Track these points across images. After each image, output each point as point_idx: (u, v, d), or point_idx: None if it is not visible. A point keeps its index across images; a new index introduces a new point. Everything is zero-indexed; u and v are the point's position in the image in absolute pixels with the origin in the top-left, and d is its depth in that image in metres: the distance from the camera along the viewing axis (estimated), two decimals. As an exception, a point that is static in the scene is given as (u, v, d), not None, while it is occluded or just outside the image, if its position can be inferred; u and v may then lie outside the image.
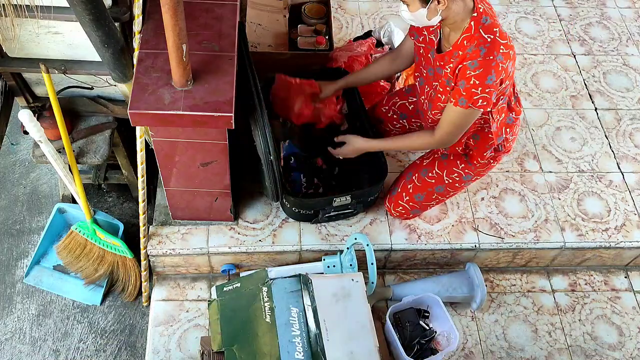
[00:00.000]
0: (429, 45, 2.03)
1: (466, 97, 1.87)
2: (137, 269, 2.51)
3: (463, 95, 1.88)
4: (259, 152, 2.13)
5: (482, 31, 1.84)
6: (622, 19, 3.43)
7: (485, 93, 1.85)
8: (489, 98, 1.87)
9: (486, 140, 2.15)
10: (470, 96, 1.87)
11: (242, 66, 2.09)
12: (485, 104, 1.88)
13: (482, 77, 1.83)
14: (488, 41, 1.83)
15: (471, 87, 1.85)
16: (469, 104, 1.88)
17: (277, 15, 2.89)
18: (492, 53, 1.82)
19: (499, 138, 2.15)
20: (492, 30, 1.84)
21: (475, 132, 2.13)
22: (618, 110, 3.02)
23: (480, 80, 1.83)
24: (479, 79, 1.83)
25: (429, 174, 2.33)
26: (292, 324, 2.09)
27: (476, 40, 1.84)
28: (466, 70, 1.85)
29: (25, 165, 3.03)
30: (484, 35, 1.83)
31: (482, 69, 1.83)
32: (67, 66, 2.07)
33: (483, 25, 1.84)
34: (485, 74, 1.83)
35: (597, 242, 2.57)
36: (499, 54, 1.82)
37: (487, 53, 1.82)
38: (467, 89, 1.86)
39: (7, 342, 2.52)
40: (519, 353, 2.45)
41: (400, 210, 2.44)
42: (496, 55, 1.82)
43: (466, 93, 1.87)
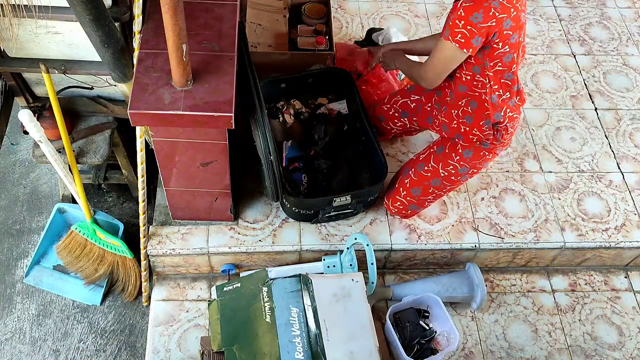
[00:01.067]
0: None
1: (450, 27, 1.88)
2: (137, 269, 2.51)
3: (448, 26, 1.88)
4: (259, 152, 2.13)
5: None
6: (622, 19, 3.43)
7: (466, 30, 1.84)
8: (469, 38, 1.86)
9: (482, 109, 2.10)
10: (452, 27, 1.87)
11: (242, 66, 2.09)
12: (464, 41, 1.86)
13: (468, 12, 1.82)
14: None
15: (455, 18, 1.85)
16: (450, 35, 1.88)
17: (277, 15, 2.89)
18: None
19: (497, 114, 2.10)
20: None
21: (473, 98, 2.10)
22: (618, 110, 3.02)
23: (465, 14, 1.83)
24: (466, 11, 1.83)
25: (424, 167, 2.33)
26: (292, 324, 2.09)
27: None
28: (461, 2, 1.85)
29: (25, 165, 3.03)
30: None
31: (472, 3, 1.82)
32: (67, 66, 2.07)
33: None
34: (472, 10, 1.82)
35: (597, 242, 2.57)
36: (497, 0, 1.81)
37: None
38: (452, 19, 1.86)
39: (7, 342, 2.52)
40: (519, 353, 2.45)
41: (398, 205, 2.44)
42: (493, 0, 1.81)
43: (452, 24, 1.87)
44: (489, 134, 2.15)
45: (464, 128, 2.18)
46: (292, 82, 2.64)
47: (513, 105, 2.13)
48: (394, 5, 3.36)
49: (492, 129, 2.14)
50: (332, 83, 2.67)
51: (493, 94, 2.05)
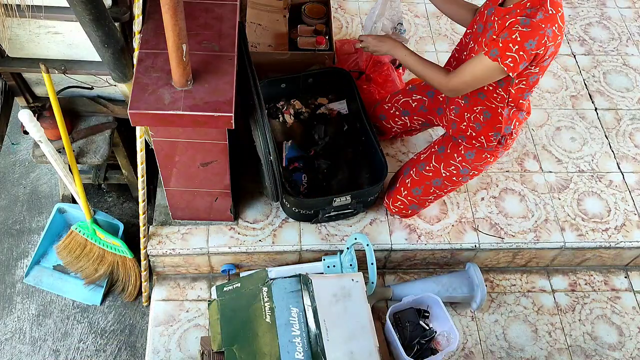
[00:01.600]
0: (492, 2, 2.00)
1: (500, 49, 1.83)
2: (137, 269, 2.51)
3: (498, 47, 1.83)
4: (259, 152, 2.13)
5: (549, 2, 1.81)
6: (622, 19, 3.43)
7: (518, 55, 1.81)
8: (518, 62, 1.83)
9: (495, 122, 2.10)
10: (504, 50, 1.82)
11: (242, 66, 2.09)
12: (512, 65, 1.83)
13: (525, 37, 1.79)
14: (549, 12, 1.80)
15: (510, 42, 1.81)
16: (498, 57, 1.83)
17: (277, 15, 2.89)
18: (546, 23, 1.79)
19: (507, 127, 2.11)
20: (557, 7, 1.82)
21: (488, 109, 2.08)
22: (618, 110, 3.02)
23: (522, 38, 1.79)
24: (522, 37, 1.79)
25: (426, 167, 2.33)
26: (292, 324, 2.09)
27: (540, 4, 1.81)
28: (515, 24, 1.81)
29: (25, 165, 3.03)
30: (548, 6, 1.81)
31: (530, 29, 1.79)
32: (67, 66, 2.07)
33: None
34: (529, 36, 1.79)
35: (597, 242, 2.57)
36: (551, 29, 1.80)
37: (542, 20, 1.79)
38: (505, 41, 1.82)
39: (7, 342, 2.52)
40: (519, 353, 2.45)
41: (399, 205, 2.44)
42: (548, 28, 1.79)
43: (502, 45, 1.82)
44: (494, 143, 2.18)
45: (471, 132, 2.18)
46: (292, 82, 2.64)
47: (522, 118, 2.15)
48: (394, 5, 3.35)
49: (498, 140, 2.16)
50: (332, 83, 2.67)
51: (508, 108, 2.06)
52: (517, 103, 2.05)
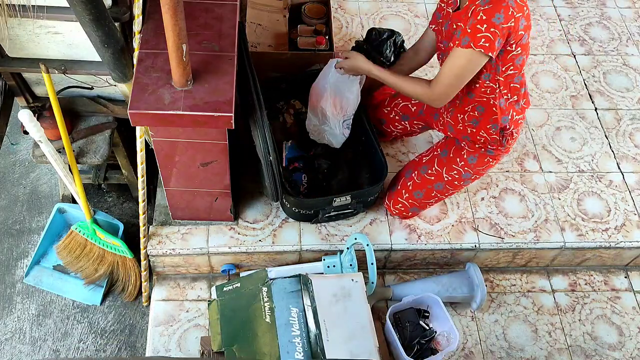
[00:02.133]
0: (445, 18, 2.01)
1: (470, 34, 1.80)
2: (137, 269, 2.51)
3: (467, 34, 1.80)
4: (259, 152, 2.13)
5: None
6: (622, 19, 3.43)
7: (489, 32, 1.78)
8: (492, 40, 1.79)
9: (490, 114, 2.08)
10: (474, 33, 1.79)
11: (242, 66, 2.09)
12: (488, 45, 1.79)
13: (490, 14, 1.76)
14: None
15: (477, 23, 1.78)
16: (471, 42, 1.80)
17: (277, 15, 2.89)
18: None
19: (505, 117, 2.08)
20: None
21: (480, 103, 2.07)
22: (618, 110, 3.02)
23: (487, 16, 1.77)
24: (487, 14, 1.76)
25: (428, 171, 2.33)
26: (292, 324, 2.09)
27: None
28: (476, 8, 1.79)
29: (25, 165, 3.03)
30: None
31: (491, 4, 1.77)
32: (67, 66, 2.07)
33: None
34: (493, 11, 1.76)
35: (597, 242, 2.57)
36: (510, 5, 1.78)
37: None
38: (472, 25, 1.79)
39: (7, 342, 2.52)
40: (519, 353, 2.45)
41: (400, 207, 2.44)
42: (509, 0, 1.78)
43: (471, 30, 1.79)
44: (496, 137, 2.15)
45: (470, 130, 2.17)
46: (292, 82, 2.64)
47: (519, 109, 2.13)
48: (394, 5, 3.36)
49: (499, 134, 2.14)
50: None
51: (502, 97, 2.05)
52: (510, 89, 2.03)
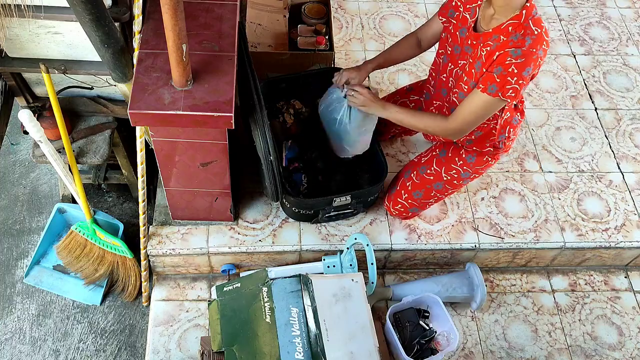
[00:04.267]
0: (461, 23, 2.00)
1: (499, 84, 1.82)
2: (137, 269, 2.51)
3: (496, 82, 1.82)
4: (259, 152, 2.13)
5: (532, 22, 1.81)
6: (622, 19, 3.43)
7: (518, 84, 1.82)
8: (519, 90, 1.83)
9: (488, 135, 2.14)
10: (503, 84, 1.82)
11: (242, 66, 2.09)
12: (514, 95, 1.83)
13: (522, 68, 1.79)
14: (535, 33, 1.80)
15: (507, 75, 1.80)
16: (499, 92, 1.83)
17: (277, 15, 2.89)
18: (536, 46, 1.79)
19: (501, 136, 2.14)
20: (540, 24, 1.82)
21: (480, 129, 2.11)
22: (618, 110, 3.02)
23: (518, 70, 1.79)
24: (519, 68, 1.79)
25: (427, 171, 2.33)
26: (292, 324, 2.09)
27: (523, 29, 1.81)
28: (507, 57, 1.80)
29: (25, 165, 3.03)
30: (532, 27, 1.80)
31: (524, 58, 1.79)
32: (67, 66, 2.07)
33: (533, 17, 1.82)
34: (524, 65, 1.79)
35: (597, 242, 2.57)
36: (541, 48, 1.81)
37: (532, 44, 1.79)
38: (502, 76, 1.81)
39: (7, 342, 2.52)
40: (519, 353, 2.45)
41: (399, 208, 2.44)
42: (538, 49, 1.80)
43: (500, 80, 1.81)
44: (490, 149, 2.21)
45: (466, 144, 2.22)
46: (292, 82, 2.64)
47: (516, 123, 2.17)
48: (394, 5, 3.36)
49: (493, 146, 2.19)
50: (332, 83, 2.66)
51: (500, 119, 2.08)
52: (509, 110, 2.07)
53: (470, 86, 1.96)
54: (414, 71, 3.05)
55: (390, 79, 3.01)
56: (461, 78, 2.00)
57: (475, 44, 1.93)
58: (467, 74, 1.96)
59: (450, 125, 1.99)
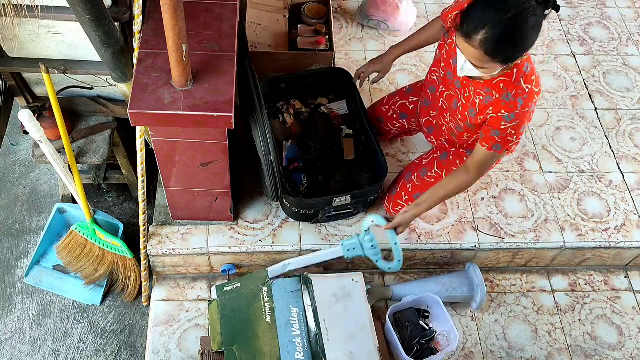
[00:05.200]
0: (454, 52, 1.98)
1: (501, 143, 1.91)
2: (137, 269, 2.51)
3: (498, 142, 1.91)
4: (259, 152, 2.13)
5: (523, 80, 1.82)
6: (622, 19, 3.43)
7: (518, 139, 1.90)
8: (519, 141, 1.92)
9: None
10: (505, 143, 1.90)
11: (242, 66, 2.09)
12: (516, 146, 1.94)
13: (518, 128, 1.86)
14: (526, 92, 1.82)
15: (507, 136, 1.88)
16: (503, 149, 1.92)
17: (277, 15, 2.89)
18: (528, 105, 1.83)
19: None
20: (531, 79, 1.83)
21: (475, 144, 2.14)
22: (618, 110, 3.02)
23: (516, 130, 1.87)
24: (515, 129, 1.86)
25: (428, 173, 2.33)
26: (293, 324, 2.09)
27: (515, 89, 1.82)
28: (501, 121, 1.86)
29: (25, 165, 3.03)
30: (523, 85, 1.82)
31: (518, 120, 1.84)
32: (67, 66, 2.07)
33: (524, 74, 1.82)
34: (520, 125, 1.86)
35: (597, 242, 2.57)
36: (533, 103, 1.84)
37: (524, 105, 1.83)
38: (502, 137, 1.89)
39: (7, 342, 2.52)
40: (519, 353, 2.45)
41: (399, 209, 2.44)
42: (531, 107, 1.84)
43: (501, 140, 1.90)
44: None
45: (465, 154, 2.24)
46: (292, 82, 2.64)
47: None
48: (394, 5, 3.35)
49: None
50: (332, 83, 2.66)
51: None
52: None
53: (466, 125, 2.02)
54: (414, 71, 3.05)
55: (390, 79, 3.00)
56: (455, 113, 2.04)
57: (465, 84, 1.95)
58: (462, 113, 2.01)
59: (470, 180, 2.05)
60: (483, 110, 1.91)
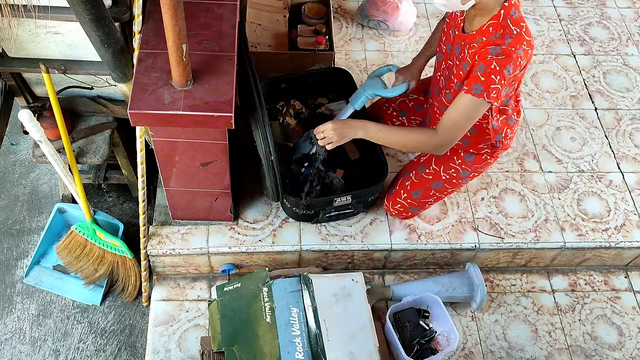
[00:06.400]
0: (453, 22, 2.01)
1: (483, 83, 1.81)
2: (137, 269, 2.51)
3: (480, 82, 1.81)
4: (260, 152, 2.13)
5: (510, 22, 1.81)
6: (622, 19, 3.43)
7: (500, 84, 1.81)
8: (500, 91, 1.82)
9: (483, 134, 2.14)
10: (487, 83, 1.80)
11: (242, 66, 2.09)
12: (495, 96, 1.83)
13: (503, 65, 1.79)
14: (514, 32, 1.80)
15: (491, 73, 1.79)
16: (484, 92, 1.82)
17: (277, 15, 2.89)
18: (515, 45, 1.79)
19: (498, 136, 2.15)
20: (519, 24, 1.82)
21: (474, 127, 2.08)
22: (618, 110, 3.02)
23: (500, 67, 1.79)
24: (500, 65, 1.78)
25: (426, 170, 2.33)
26: (293, 324, 2.09)
27: (502, 29, 1.81)
28: (487, 54, 1.80)
29: (25, 165, 3.03)
30: (511, 26, 1.81)
31: (504, 56, 1.78)
32: (67, 66, 2.07)
33: (511, 17, 1.82)
34: (505, 63, 1.79)
35: (597, 242, 2.57)
36: (521, 48, 1.80)
37: (511, 43, 1.79)
38: (486, 74, 1.80)
39: (7, 342, 2.52)
40: (519, 353, 2.45)
41: (399, 208, 2.44)
42: (518, 49, 1.80)
43: (484, 79, 1.80)
44: (487, 150, 2.22)
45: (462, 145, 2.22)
46: (292, 82, 2.64)
47: (513, 123, 2.17)
48: (394, 5, 3.35)
49: (490, 147, 2.20)
50: (332, 83, 2.66)
51: (493, 121, 2.08)
52: (500, 111, 2.07)
53: (456, 87, 1.96)
54: (414, 71, 3.05)
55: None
56: (450, 79, 2.01)
57: (463, 45, 1.94)
58: (456, 76, 1.96)
59: (438, 135, 1.95)
60: (473, 57, 1.86)
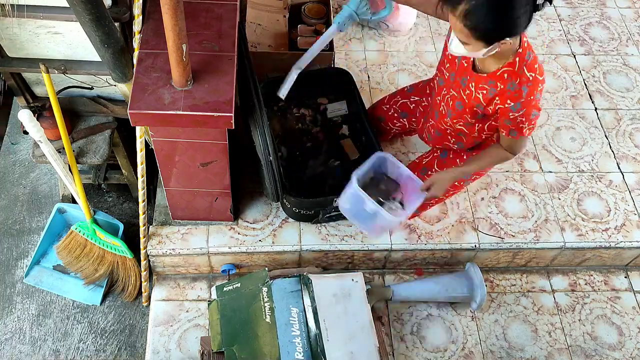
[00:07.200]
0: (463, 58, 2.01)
1: (516, 129, 1.94)
2: (137, 269, 2.51)
3: (512, 129, 1.94)
4: (259, 152, 2.13)
5: (526, 69, 1.82)
6: (622, 19, 3.43)
7: (533, 124, 1.93)
8: (535, 124, 1.94)
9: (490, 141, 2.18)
10: (520, 129, 1.93)
11: (242, 66, 2.09)
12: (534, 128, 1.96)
13: (528, 115, 1.88)
14: (530, 80, 1.83)
15: (519, 124, 1.91)
16: (520, 135, 1.95)
17: (277, 15, 2.89)
18: (533, 93, 1.84)
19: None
20: (534, 67, 1.84)
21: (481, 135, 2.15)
22: (618, 110, 3.02)
23: (526, 118, 1.89)
24: (524, 117, 1.88)
25: (428, 172, 2.33)
26: (292, 324, 2.09)
27: (519, 77, 1.83)
28: (509, 112, 1.88)
29: (25, 165, 3.03)
30: (526, 74, 1.83)
31: (524, 109, 1.86)
32: (67, 66, 2.07)
33: (527, 62, 1.82)
34: (529, 113, 1.87)
35: (597, 242, 2.57)
36: (538, 92, 1.85)
37: (529, 93, 1.83)
38: (515, 125, 1.92)
39: (7, 342, 2.52)
40: (519, 353, 2.45)
41: (399, 208, 2.44)
42: (536, 94, 1.85)
43: (515, 128, 1.93)
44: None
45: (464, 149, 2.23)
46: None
47: None
48: (394, 5, 3.35)
49: None
50: (332, 83, 2.66)
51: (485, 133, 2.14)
52: None
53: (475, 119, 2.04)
54: (414, 71, 3.05)
55: (390, 79, 3.01)
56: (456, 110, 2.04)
57: (469, 80, 1.96)
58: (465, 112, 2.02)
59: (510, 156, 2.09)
60: (490, 102, 1.91)
